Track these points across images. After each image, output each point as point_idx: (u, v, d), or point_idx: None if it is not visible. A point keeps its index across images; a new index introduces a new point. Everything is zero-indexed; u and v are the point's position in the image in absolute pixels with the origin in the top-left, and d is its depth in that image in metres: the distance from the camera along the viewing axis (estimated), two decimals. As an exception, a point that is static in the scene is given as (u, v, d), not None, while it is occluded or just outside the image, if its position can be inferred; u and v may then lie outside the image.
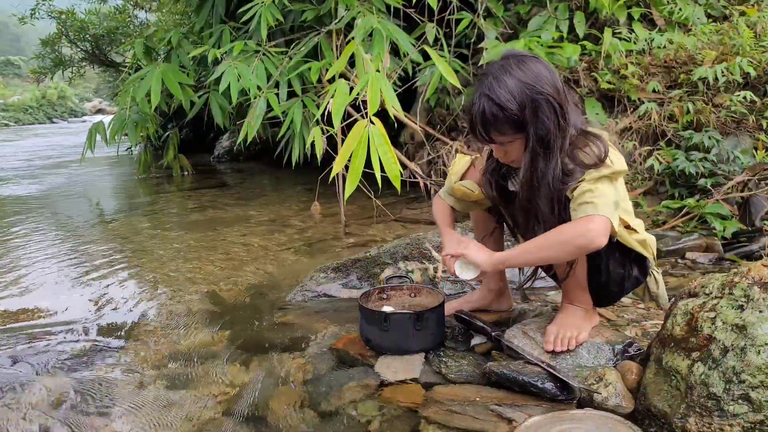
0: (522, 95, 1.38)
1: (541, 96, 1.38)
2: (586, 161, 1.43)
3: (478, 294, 2.01)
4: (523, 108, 1.38)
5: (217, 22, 4.83)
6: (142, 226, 3.95)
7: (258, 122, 3.85)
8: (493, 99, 1.38)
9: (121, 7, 9.65)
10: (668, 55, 3.62)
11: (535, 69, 1.41)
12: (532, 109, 1.38)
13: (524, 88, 1.38)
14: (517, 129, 1.41)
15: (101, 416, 1.52)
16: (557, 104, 1.39)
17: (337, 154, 2.68)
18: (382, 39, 3.55)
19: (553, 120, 1.39)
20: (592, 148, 1.44)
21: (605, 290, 1.65)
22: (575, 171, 1.43)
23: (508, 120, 1.40)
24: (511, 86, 1.38)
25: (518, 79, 1.39)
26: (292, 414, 1.48)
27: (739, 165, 3.06)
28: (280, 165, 4.42)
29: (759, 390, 1.14)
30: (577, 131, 1.46)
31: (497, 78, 1.40)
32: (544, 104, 1.38)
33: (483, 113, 1.40)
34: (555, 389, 1.45)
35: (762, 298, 1.22)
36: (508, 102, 1.38)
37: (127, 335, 2.07)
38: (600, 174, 1.42)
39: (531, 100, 1.38)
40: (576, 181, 1.43)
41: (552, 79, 1.41)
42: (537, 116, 1.38)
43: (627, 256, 1.57)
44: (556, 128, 1.40)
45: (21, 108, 24.36)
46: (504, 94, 1.38)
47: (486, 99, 1.39)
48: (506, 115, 1.39)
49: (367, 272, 2.38)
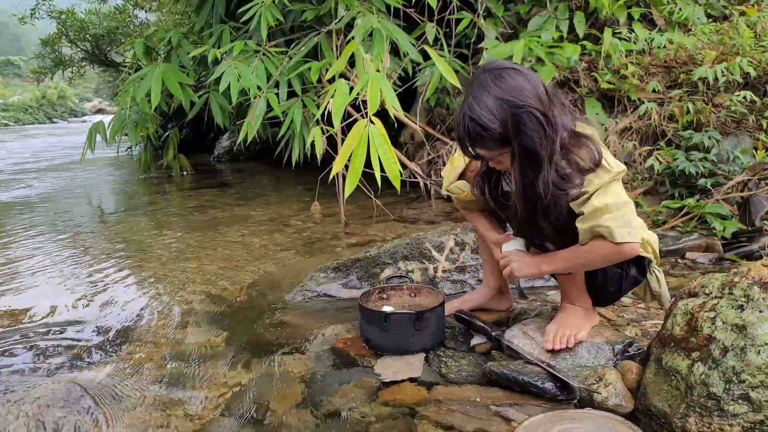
0: (502, 112, 1.38)
1: (521, 110, 1.37)
2: (583, 166, 1.43)
3: (478, 293, 2.01)
4: (505, 124, 1.38)
5: (217, 22, 4.83)
6: (142, 225, 3.95)
7: (258, 122, 3.85)
8: (475, 120, 1.39)
9: (121, 7, 9.65)
10: (668, 55, 3.62)
11: (512, 83, 1.39)
12: (514, 124, 1.38)
13: (503, 104, 1.38)
14: (501, 144, 1.42)
15: (101, 416, 1.52)
16: (540, 114, 1.38)
17: (337, 153, 2.68)
18: (382, 39, 3.55)
19: (537, 130, 1.38)
20: (586, 152, 1.45)
21: (603, 290, 1.66)
22: (573, 176, 1.43)
23: (492, 138, 1.40)
24: (490, 105, 1.38)
25: (496, 97, 1.38)
26: (292, 414, 1.48)
27: (739, 165, 3.06)
28: (280, 165, 4.43)
29: (759, 390, 1.14)
30: (568, 133, 1.46)
31: (476, 98, 1.40)
32: (526, 117, 1.37)
33: (468, 132, 1.42)
34: (555, 389, 1.45)
35: (762, 298, 1.22)
36: (489, 122, 1.38)
37: (127, 335, 2.07)
38: (602, 181, 1.43)
39: (512, 116, 1.37)
40: (576, 189, 1.43)
41: (533, 89, 1.39)
42: (520, 130, 1.38)
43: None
44: (542, 138, 1.39)
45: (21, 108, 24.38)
46: (485, 114, 1.38)
47: (468, 119, 1.40)
48: (489, 134, 1.40)
49: (367, 272, 2.38)
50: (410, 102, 4.46)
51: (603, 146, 1.50)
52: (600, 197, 1.43)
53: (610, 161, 1.46)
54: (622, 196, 1.45)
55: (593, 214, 1.43)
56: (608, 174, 1.43)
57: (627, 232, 1.41)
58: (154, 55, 5.37)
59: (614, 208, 1.42)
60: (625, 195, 1.47)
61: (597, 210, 1.42)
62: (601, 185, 1.43)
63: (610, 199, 1.42)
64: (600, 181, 1.43)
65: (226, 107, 4.63)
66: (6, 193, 5.62)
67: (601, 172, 1.44)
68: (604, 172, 1.44)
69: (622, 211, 1.42)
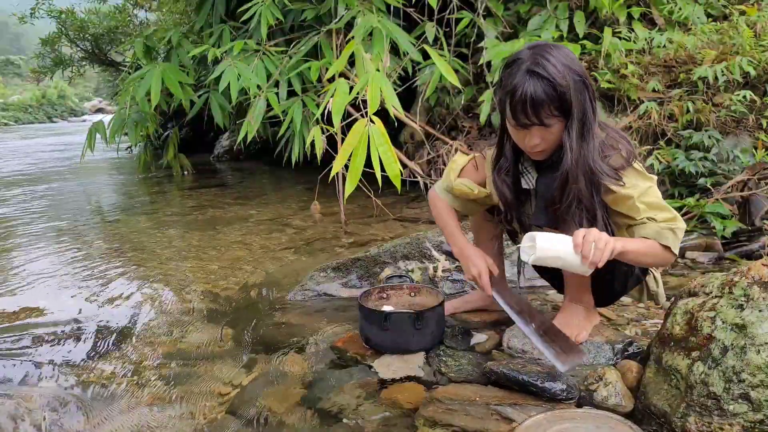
0: (569, 76, 1.36)
1: (579, 78, 1.38)
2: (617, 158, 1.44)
3: (478, 294, 2.01)
4: (568, 88, 1.36)
5: (217, 22, 4.83)
6: (141, 225, 3.95)
7: (258, 121, 3.85)
8: (544, 77, 1.35)
9: (121, 7, 9.63)
10: (668, 54, 3.62)
11: (569, 54, 1.41)
12: (577, 90, 1.37)
13: (568, 70, 1.37)
14: (563, 110, 1.39)
15: (101, 416, 1.52)
16: (591, 88, 1.41)
17: (337, 153, 2.68)
18: (382, 38, 3.55)
19: (591, 101, 1.41)
20: (623, 145, 1.45)
21: (609, 288, 1.65)
22: (613, 160, 1.44)
23: (560, 98, 1.36)
24: (559, 68, 1.36)
25: (560, 61, 1.37)
26: (291, 413, 1.48)
27: (739, 164, 3.06)
28: (280, 164, 4.43)
29: (759, 389, 1.14)
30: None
31: (543, 57, 1.36)
32: (584, 86, 1.40)
33: (534, 92, 1.35)
34: (555, 389, 1.45)
35: (762, 298, 1.22)
36: (559, 78, 1.35)
37: (127, 335, 2.07)
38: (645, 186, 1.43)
39: (574, 81, 1.37)
40: (613, 177, 1.42)
41: (581, 65, 1.43)
42: (582, 97, 1.39)
43: None
44: (592, 112, 1.41)
45: (21, 107, 24.39)
46: (555, 72, 1.35)
47: (536, 78, 1.35)
48: (557, 93, 1.35)
49: (367, 271, 2.38)
50: (410, 101, 4.46)
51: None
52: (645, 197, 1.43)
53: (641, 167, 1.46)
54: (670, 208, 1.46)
55: (661, 218, 1.42)
56: (650, 180, 1.44)
57: (678, 245, 1.44)
58: (153, 54, 5.37)
59: (672, 219, 1.43)
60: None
61: (665, 215, 1.43)
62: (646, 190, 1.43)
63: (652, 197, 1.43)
64: (644, 185, 1.43)
65: (225, 107, 4.63)
66: (6, 193, 5.61)
67: (640, 176, 1.44)
68: (644, 177, 1.44)
69: (677, 223, 1.43)
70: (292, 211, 4.15)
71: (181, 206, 4.62)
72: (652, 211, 1.43)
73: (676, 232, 1.42)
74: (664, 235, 1.41)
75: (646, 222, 1.43)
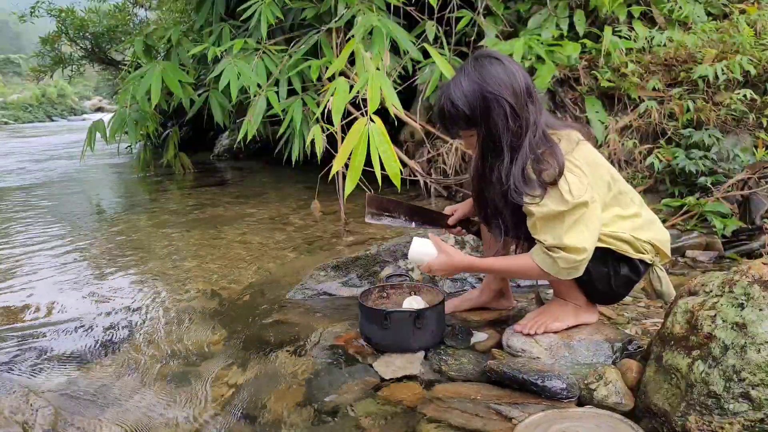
0: (474, 95, 1.49)
1: (490, 96, 1.48)
2: (546, 179, 1.47)
3: (478, 292, 2.02)
4: (475, 107, 1.49)
5: (217, 20, 4.82)
6: (141, 224, 3.95)
7: (258, 120, 3.85)
8: (449, 98, 1.52)
9: (121, 5, 9.63)
10: (668, 53, 3.61)
11: (490, 71, 1.50)
12: (482, 108, 1.49)
13: (476, 89, 1.49)
14: (469, 125, 1.53)
15: (101, 416, 1.52)
16: (507, 105, 1.48)
17: (337, 152, 2.68)
18: (382, 37, 3.55)
19: (501, 119, 1.49)
20: (551, 163, 1.48)
21: (593, 288, 1.65)
22: (533, 183, 1.47)
23: (461, 117, 1.52)
24: (465, 87, 1.50)
25: (472, 80, 1.50)
26: (292, 412, 1.48)
27: (739, 163, 3.06)
28: (280, 163, 4.42)
29: (759, 388, 1.14)
30: (538, 135, 1.51)
31: (455, 80, 1.54)
32: (494, 104, 1.48)
33: (441, 110, 1.56)
34: (555, 388, 1.45)
35: (762, 297, 1.22)
36: (460, 102, 1.50)
37: (127, 334, 2.07)
38: (554, 209, 1.46)
39: (482, 100, 1.49)
40: (531, 199, 1.47)
41: (508, 81, 1.49)
42: (486, 115, 1.50)
43: (609, 255, 1.57)
44: (505, 127, 1.49)
45: (21, 106, 24.37)
46: (458, 95, 1.51)
47: (445, 98, 1.54)
48: (459, 114, 1.52)
49: (367, 270, 2.38)
50: (410, 100, 4.46)
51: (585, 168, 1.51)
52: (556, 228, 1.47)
53: (575, 189, 1.46)
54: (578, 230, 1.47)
55: (549, 244, 1.48)
56: (565, 205, 1.45)
57: (557, 270, 1.50)
58: (153, 53, 5.36)
59: (560, 247, 1.47)
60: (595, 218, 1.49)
61: (553, 242, 1.48)
62: (550, 214, 1.46)
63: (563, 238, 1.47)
64: (555, 208, 1.46)
65: (226, 105, 4.63)
66: (5, 193, 5.61)
67: (559, 199, 1.46)
68: (560, 201, 1.46)
69: (560, 253, 1.48)
70: (292, 209, 4.15)
71: (181, 205, 4.61)
72: (543, 234, 1.49)
73: (556, 260, 1.49)
74: (542, 258, 1.51)
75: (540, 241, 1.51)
